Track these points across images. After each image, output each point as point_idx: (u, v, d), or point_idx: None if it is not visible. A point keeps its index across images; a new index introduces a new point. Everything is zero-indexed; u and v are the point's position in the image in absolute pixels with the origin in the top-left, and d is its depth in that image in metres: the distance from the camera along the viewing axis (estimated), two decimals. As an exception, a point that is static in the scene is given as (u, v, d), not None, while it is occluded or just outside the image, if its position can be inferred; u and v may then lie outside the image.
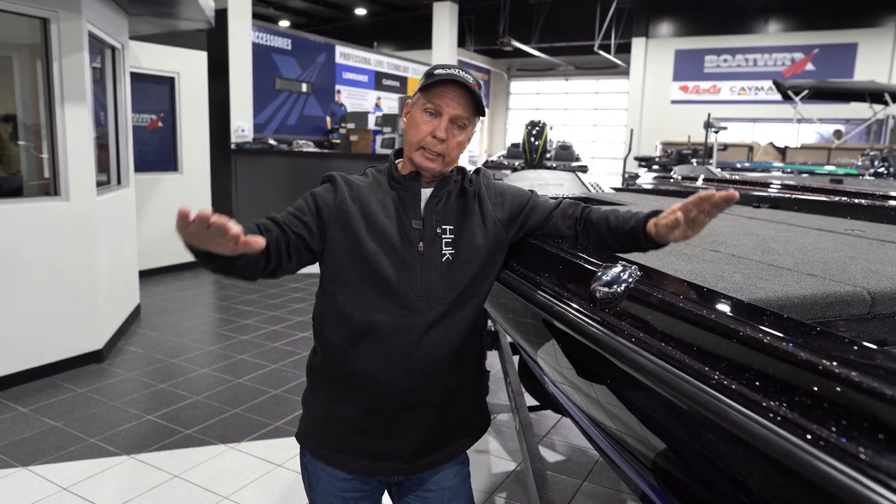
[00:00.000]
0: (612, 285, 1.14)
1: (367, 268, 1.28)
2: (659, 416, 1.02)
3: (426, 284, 1.30)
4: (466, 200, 1.38)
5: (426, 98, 1.31)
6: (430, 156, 1.32)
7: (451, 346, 1.33)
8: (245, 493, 2.58)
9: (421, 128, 1.30)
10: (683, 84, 16.26)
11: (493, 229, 1.38)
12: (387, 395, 1.31)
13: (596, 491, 2.64)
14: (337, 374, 1.34)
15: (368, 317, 1.29)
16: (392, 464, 1.36)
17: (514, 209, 1.42)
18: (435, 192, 1.36)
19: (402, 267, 1.29)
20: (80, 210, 3.82)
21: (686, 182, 4.14)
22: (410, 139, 1.33)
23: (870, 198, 2.78)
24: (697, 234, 1.25)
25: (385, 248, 1.29)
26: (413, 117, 1.33)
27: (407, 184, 1.35)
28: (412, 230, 1.32)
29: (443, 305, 1.30)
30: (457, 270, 1.32)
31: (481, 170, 1.48)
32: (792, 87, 9.86)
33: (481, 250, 1.36)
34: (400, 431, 1.34)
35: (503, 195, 1.43)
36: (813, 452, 0.67)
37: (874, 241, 1.94)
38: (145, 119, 6.37)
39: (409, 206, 1.34)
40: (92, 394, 3.51)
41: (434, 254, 1.32)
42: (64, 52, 3.65)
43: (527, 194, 1.47)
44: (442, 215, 1.35)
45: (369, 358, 1.29)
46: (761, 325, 0.86)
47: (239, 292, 5.82)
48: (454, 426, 1.41)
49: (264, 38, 9.27)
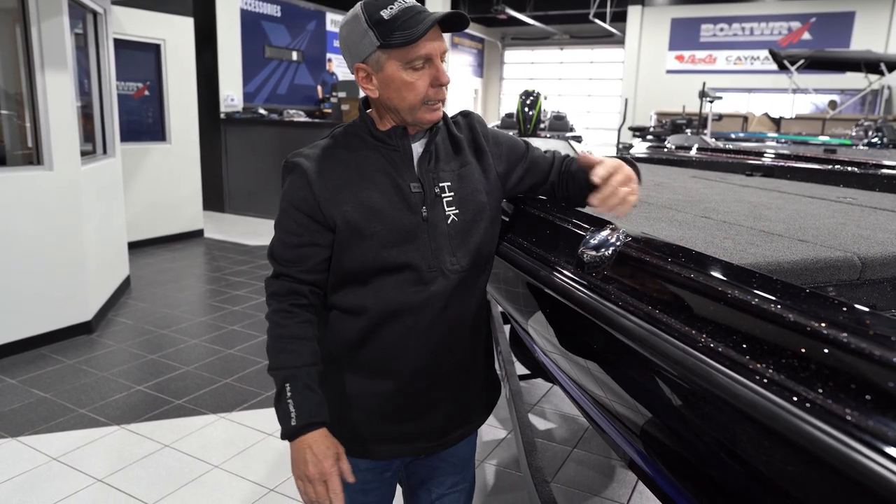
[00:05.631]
0: (600, 249, 1.12)
1: (372, 251, 1.15)
2: (647, 381, 1.00)
3: (436, 252, 1.18)
4: (460, 150, 1.24)
5: (403, 54, 1.10)
6: (435, 106, 1.16)
7: (469, 316, 1.26)
8: (236, 462, 2.59)
9: (416, 86, 1.11)
10: (679, 53, 16.06)
11: (494, 183, 1.27)
12: (409, 377, 1.23)
13: (585, 458, 2.67)
14: (352, 364, 1.24)
15: (384, 302, 1.18)
16: (420, 443, 1.29)
17: (510, 162, 1.30)
18: (427, 146, 1.21)
19: (409, 239, 1.16)
20: (65, 180, 3.76)
21: (680, 152, 4.10)
22: (404, 103, 1.13)
23: (862, 166, 2.76)
24: (683, 200, 1.23)
25: (386, 223, 1.15)
26: (393, 79, 1.12)
27: (394, 142, 1.18)
28: (412, 194, 1.17)
29: (458, 273, 1.20)
30: (465, 232, 1.21)
31: (471, 113, 1.32)
32: (788, 56, 9.76)
33: (486, 207, 1.24)
34: (426, 410, 1.26)
35: (500, 145, 1.30)
36: (799, 414, 0.65)
37: (866, 209, 1.93)
38: (131, 87, 6.25)
39: (401, 167, 1.18)
40: (81, 365, 3.49)
41: (438, 217, 1.18)
42: (42, 16, 3.54)
43: (522, 146, 1.33)
44: (437, 172, 1.20)
45: (389, 342, 1.20)
46: (749, 287, 0.84)
47: (230, 263, 5.79)
48: (475, 397, 1.36)
49: (253, 4, 9.07)
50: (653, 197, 2.02)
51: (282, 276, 1.19)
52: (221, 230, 7.19)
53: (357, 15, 1.12)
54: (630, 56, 16.65)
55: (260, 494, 2.38)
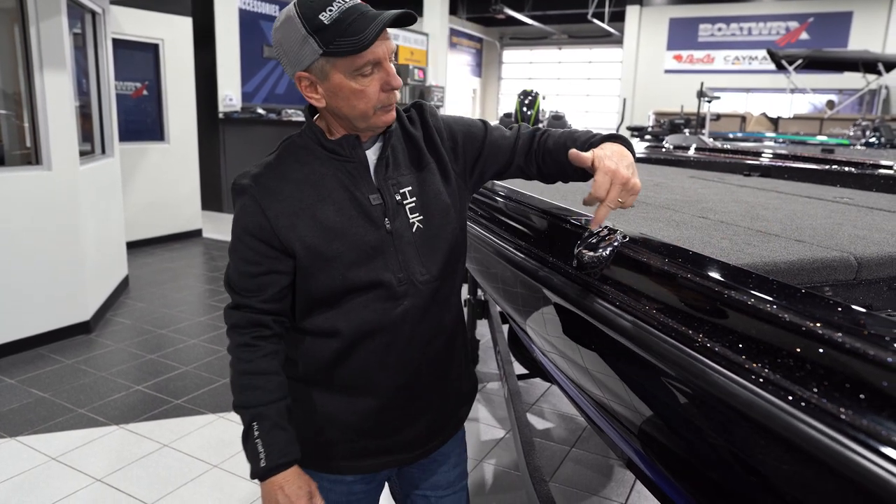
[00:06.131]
0: (598, 249, 1.12)
1: (338, 273, 1.08)
2: (645, 381, 1.01)
3: (404, 264, 1.12)
4: (418, 151, 1.16)
5: (350, 61, 1.01)
6: (389, 108, 1.08)
7: (445, 323, 1.22)
8: (235, 462, 2.59)
9: (366, 93, 1.03)
10: (677, 53, 16.08)
11: (456, 182, 1.19)
12: (389, 392, 1.18)
13: (583, 457, 2.68)
14: (329, 383, 1.18)
15: (356, 324, 1.12)
16: (403, 455, 1.25)
17: (468, 155, 1.21)
18: (382, 152, 1.12)
19: (374, 255, 1.09)
20: (64, 180, 3.76)
21: (678, 152, 4.11)
22: (355, 111, 1.05)
23: (859, 166, 2.77)
24: (679, 199, 1.19)
25: (348, 242, 1.08)
26: (341, 87, 1.03)
27: (347, 152, 1.10)
28: (372, 207, 1.09)
29: (429, 284, 1.14)
30: (432, 238, 1.14)
31: (423, 105, 1.22)
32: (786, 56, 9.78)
33: (450, 209, 1.17)
34: (407, 422, 1.22)
35: (454, 138, 1.20)
36: (794, 413, 0.66)
37: (862, 209, 1.94)
38: (129, 87, 6.25)
39: (358, 178, 1.10)
40: (80, 365, 3.49)
41: (403, 227, 1.12)
42: (41, 16, 3.54)
43: (480, 132, 1.22)
44: (396, 178, 1.12)
45: (366, 361, 1.15)
46: (746, 287, 0.85)
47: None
48: (453, 399, 1.32)
49: (251, 4, 9.06)
50: (651, 197, 2.03)
51: (241, 306, 1.12)
52: (220, 230, 7.19)
53: (290, 18, 1.01)
54: (628, 56, 16.66)
55: (258, 494, 2.38)
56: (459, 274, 1.25)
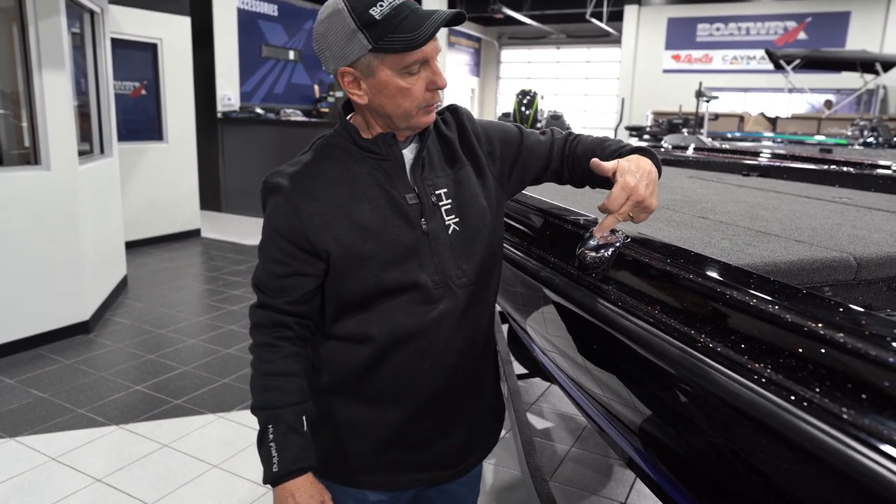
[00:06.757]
0: (600, 250, 1.13)
1: (372, 274, 1.05)
2: (645, 381, 1.02)
3: (440, 267, 1.08)
4: (453, 153, 1.14)
5: (399, 58, 0.99)
6: (430, 109, 1.06)
7: (481, 330, 1.18)
8: (235, 462, 2.59)
9: (413, 91, 1.02)
10: (675, 53, 16.09)
11: (492, 186, 1.17)
12: (423, 402, 1.13)
13: (583, 457, 2.68)
14: (359, 392, 1.14)
15: (390, 327, 1.08)
16: (435, 472, 1.19)
17: (506, 160, 1.19)
18: (419, 152, 1.10)
19: (410, 256, 1.06)
20: (63, 180, 3.75)
21: (677, 152, 4.12)
22: (399, 110, 1.03)
23: (858, 166, 2.78)
24: (681, 202, 1.17)
25: (384, 242, 1.05)
26: (387, 85, 1.01)
27: (383, 150, 1.08)
28: (409, 206, 1.07)
29: (466, 287, 1.11)
30: (468, 241, 1.11)
31: (458, 108, 1.20)
32: (784, 56, 9.79)
33: (486, 211, 1.14)
34: (441, 435, 1.17)
35: (491, 142, 1.19)
36: (796, 413, 0.67)
37: (861, 209, 1.95)
38: (128, 87, 6.24)
39: (394, 177, 1.08)
40: (79, 365, 3.49)
41: (438, 228, 1.09)
42: (40, 15, 3.54)
43: (516, 137, 1.21)
44: (432, 178, 1.10)
45: (400, 368, 1.11)
46: (747, 287, 0.85)
47: (227, 263, 5.79)
48: (488, 415, 1.27)
49: (250, 3, 9.05)
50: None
51: (266, 306, 1.10)
52: (218, 230, 7.18)
53: (338, 11, 0.98)
54: (627, 55, 16.68)
55: (259, 494, 2.39)
56: (496, 279, 1.21)
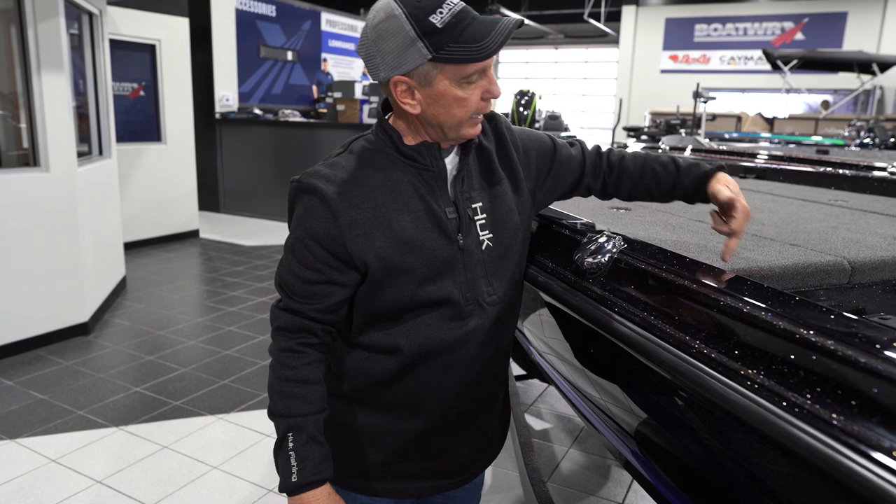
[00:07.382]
0: (597, 255, 1.14)
1: (408, 289, 1.03)
2: (642, 384, 1.03)
3: (471, 283, 1.06)
4: (488, 164, 1.10)
5: (461, 68, 0.95)
6: (479, 119, 1.03)
7: (504, 347, 1.17)
8: (234, 463, 2.60)
9: (469, 101, 0.98)
10: (673, 53, 16.12)
11: (526, 200, 1.14)
12: (442, 414, 1.12)
13: (581, 458, 2.70)
14: (379, 402, 1.12)
15: (419, 342, 1.06)
16: (445, 480, 1.20)
17: (540, 172, 1.16)
18: (461, 164, 1.07)
19: (445, 271, 1.04)
20: (61, 181, 3.76)
21: (674, 152, 4.13)
22: (452, 119, 0.99)
23: (854, 168, 2.80)
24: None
25: (422, 257, 1.02)
26: (444, 95, 0.97)
27: (427, 160, 1.03)
28: (448, 220, 1.03)
29: (495, 305, 1.09)
30: (499, 258, 1.09)
31: (496, 116, 1.16)
32: (781, 56, 9.82)
33: (519, 228, 1.11)
34: (455, 446, 1.17)
35: (528, 154, 1.15)
36: (788, 418, 0.68)
37: (856, 212, 1.96)
38: (126, 88, 6.24)
39: (435, 189, 1.04)
40: (79, 366, 3.50)
41: (473, 244, 1.06)
42: (39, 17, 3.54)
43: (549, 148, 1.17)
44: (469, 192, 1.07)
45: (424, 382, 1.09)
46: (741, 294, 0.87)
47: (226, 264, 5.80)
48: (496, 424, 1.28)
49: (248, 4, 9.05)
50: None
51: (293, 311, 1.05)
52: (217, 230, 7.19)
53: (393, 17, 0.92)
54: (624, 56, 16.70)
55: (259, 495, 2.40)
56: (520, 298, 1.21)
